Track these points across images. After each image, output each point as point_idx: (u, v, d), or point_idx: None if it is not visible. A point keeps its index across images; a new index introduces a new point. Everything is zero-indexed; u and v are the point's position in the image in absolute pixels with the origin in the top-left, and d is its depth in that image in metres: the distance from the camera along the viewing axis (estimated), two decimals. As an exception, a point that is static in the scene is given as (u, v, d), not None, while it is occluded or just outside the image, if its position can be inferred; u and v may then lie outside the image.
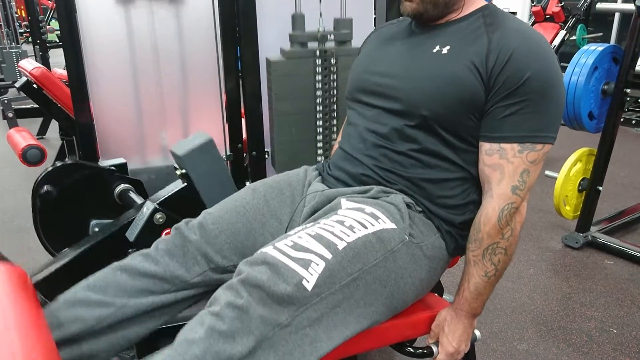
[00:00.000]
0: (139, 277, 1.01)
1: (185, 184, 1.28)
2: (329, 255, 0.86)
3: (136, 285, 1.00)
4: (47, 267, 1.13)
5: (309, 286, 0.82)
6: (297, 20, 1.49)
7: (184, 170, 1.27)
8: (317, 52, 1.48)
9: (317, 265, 0.84)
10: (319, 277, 0.84)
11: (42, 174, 1.35)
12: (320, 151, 1.58)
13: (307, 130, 1.55)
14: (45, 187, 1.33)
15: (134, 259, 1.04)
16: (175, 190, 1.29)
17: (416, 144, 1.03)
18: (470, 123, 0.99)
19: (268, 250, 0.87)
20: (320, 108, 1.54)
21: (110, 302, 0.98)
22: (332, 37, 1.50)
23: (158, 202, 1.24)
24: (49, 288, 0.98)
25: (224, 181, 1.27)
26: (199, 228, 1.06)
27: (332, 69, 1.50)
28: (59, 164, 1.39)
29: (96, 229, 1.38)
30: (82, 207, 1.40)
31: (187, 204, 1.19)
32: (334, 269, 0.86)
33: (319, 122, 1.55)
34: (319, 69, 1.50)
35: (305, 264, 0.84)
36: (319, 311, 0.84)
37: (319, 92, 1.52)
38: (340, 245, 0.88)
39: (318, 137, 1.57)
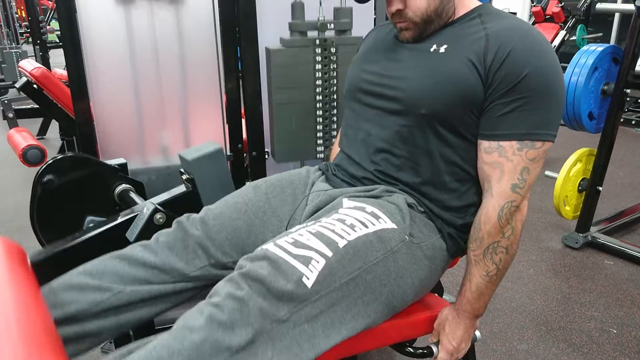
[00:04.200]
0: (137, 266, 1.01)
1: (190, 189, 1.29)
2: (329, 253, 0.86)
3: (134, 274, 1.00)
4: (39, 254, 1.12)
5: (309, 283, 0.82)
6: (297, 9, 1.48)
7: (190, 176, 1.28)
8: (317, 41, 1.48)
9: (318, 262, 0.84)
10: (319, 274, 0.84)
11: (48, 162, 1.35)
12: (320, 141, 1.58)
13: (306, 120, 1.54)
14: (48, 175, 1.33)
15: (133, 249, 1.04)
16: (178, 193, 1.29)
17: (416, 147, 1.03)
18: (469, 120, 0.99)
19: (269, 247, 0.87)
20: (320, 97, 1.53)
21: (106, 287, 0.97)
22: (332, 26, 1.49)
23: (159, 202, 1.23)
24: (40, 274, 0.97)
25: (228, 192, 1.28)
26: (200, 223, 1.06)
27: (331, 58, 1.50)
28: (63, 155, 1.38)
29: (91, 226, 1.38)
30: (81, 201, 1.39)
31: (188, 209, 1.19)
32: (334, 267, 0.86)
33: (319, 112, 1.54)
34: (318, 58, 1.49)
35: (306, 261, 0.84)
36: (318, 308, 0.84)
37: (318, 82, 1.51)
38: (341, 243, 0.88)
39: (318, 127, 1.56)
